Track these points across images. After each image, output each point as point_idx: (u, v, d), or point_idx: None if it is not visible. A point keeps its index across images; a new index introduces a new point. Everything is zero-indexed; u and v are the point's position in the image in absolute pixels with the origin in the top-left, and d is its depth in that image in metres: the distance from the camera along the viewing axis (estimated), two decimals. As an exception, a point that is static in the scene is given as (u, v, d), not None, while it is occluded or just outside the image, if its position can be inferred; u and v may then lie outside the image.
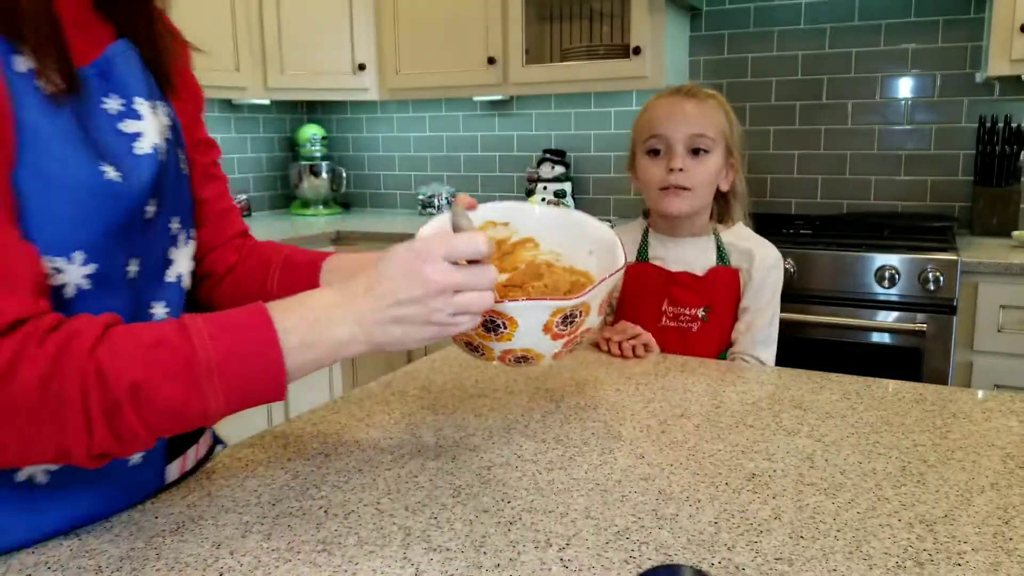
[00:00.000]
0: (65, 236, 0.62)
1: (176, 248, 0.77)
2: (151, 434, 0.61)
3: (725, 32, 2.86)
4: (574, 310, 0.75)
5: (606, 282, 0.77)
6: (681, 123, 1.29)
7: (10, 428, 0.57)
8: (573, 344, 0.80)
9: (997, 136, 2.45)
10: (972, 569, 0.60)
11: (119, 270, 0.68)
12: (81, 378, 0.57)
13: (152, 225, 0.71)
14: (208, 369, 0.61)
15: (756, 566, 0.61)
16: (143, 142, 0.70)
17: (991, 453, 0.82)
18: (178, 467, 0.78)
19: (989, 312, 2.06)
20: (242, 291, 0.90)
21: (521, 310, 0.74)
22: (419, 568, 0.62)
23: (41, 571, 0.62)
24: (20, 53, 0.61)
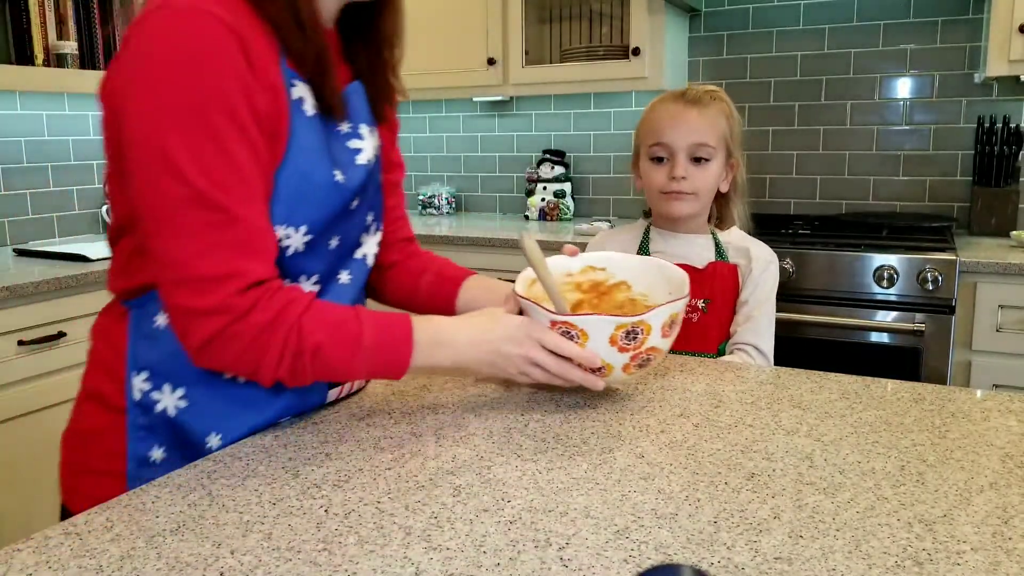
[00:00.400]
0: (300, 214, 0.86)
1: (367, 235, 1.00)
2: (312, 379, 0.86)
3: (724, 33, 2.86)
4: (635, 327, 0.89)
5: (665, 306, 0.91)
6: (684, 132, 1.33)
7: (233, 348, 0.81)
8: (640, 360, 0.93)
9: (996, 136, 2.45)
10: (971, 568, 0.61)
11: (325, 242, 0.91)
12: (287, 330, 0.82)
13: (353, 215, 0.94)
14: (364, 347, 0.85)
15: (755, 565, 0.61)
16: (361, 156, 0.93)
17: (990, 453, 0.82)
18: (336, 392, 1.00)
19: (988, 312, 2.06)
20: (397, 285, 1.14)
21: (589, 323, 0.90)
22: (419, 567, 0.62)
23: (41, 571, 0.62)
24: (296, 85, 0.85)
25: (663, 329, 0.92)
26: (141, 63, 0.77)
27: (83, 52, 2.34)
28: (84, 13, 2.34)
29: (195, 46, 0.76)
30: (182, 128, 0.76)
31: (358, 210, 0.95)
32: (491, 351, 0.91)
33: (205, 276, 0.78)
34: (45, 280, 1.92)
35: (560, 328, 0.91)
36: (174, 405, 0.89)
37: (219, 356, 0.82)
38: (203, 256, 0.78)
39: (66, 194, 2.65)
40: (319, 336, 0.83)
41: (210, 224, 0.78)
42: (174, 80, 0.76)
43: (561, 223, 3.00)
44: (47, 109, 2.57)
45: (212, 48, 0.76)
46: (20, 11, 2.19)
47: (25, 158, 2.52)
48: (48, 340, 1.94)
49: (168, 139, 0.76)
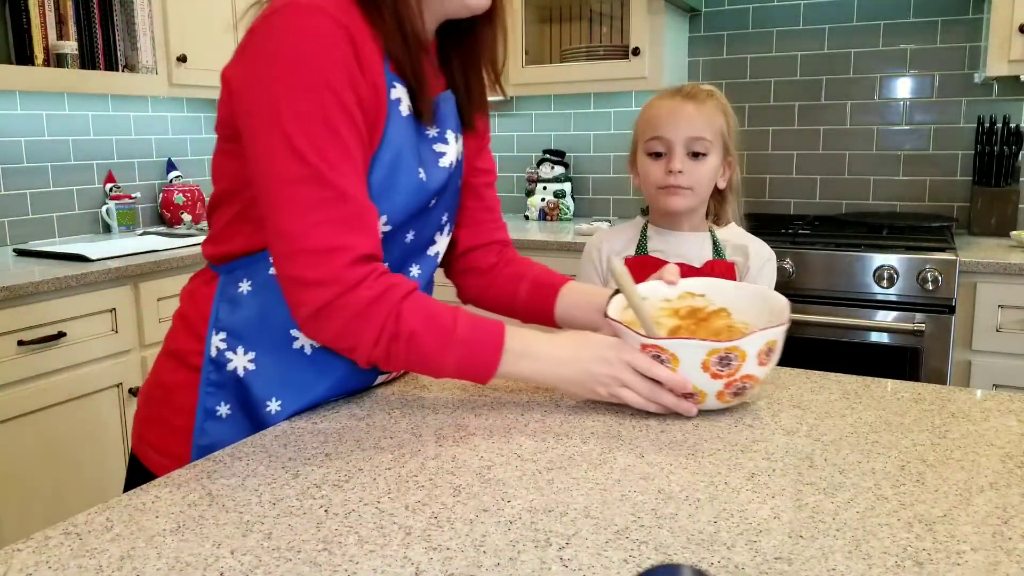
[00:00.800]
0: (383, 205, 0.91)
1: (440, 234, 1.05)
2: (404, 365, 0.91)
3: (724, 33, 2.86)
4: (728, 352, 0.88)
5: (761, 333, 0.89)
6: (681, 126, 1.33)
7: (338, 320, 0.86)
8: (736, 388, 0.91)
9: (996, 136, 2.45)
10: (971, 568, 0.61)
11: (402, 235, 0.98)
12: (388, 312, 0.86)
13: (430, 213, 1.00)
14: (455, 342, 0.89)
15: (755, 565, 0.61)
16: (444, 160, 0.99)
17: (990, 453, 0.82)
18: (385, 377, 1.06)
19: (988, 312, 2.06)
20: (497, 292, 1.16)
21: (680, 347, 0.89)
22: (419, 567, 0.62)
23: (41, 571, 0.62)
24: (395, 86, 0.91)
25: (759, 356, 0.89)
26: (264, 54, 0.85)
27: (83, 52, 2.34)
28: (84, 13, 2.34)
29: (312, 39, 0.83)
30: (298, 112, 0.83)
31: (435, 209, 1.01)
32: (580, 370, 0.92)
33: (317, 248, 0.84)
34: (45, 280, 1.92)
35: (651, 352, 0.90)
36: (243, 367, 0.96)
37: (325, 327, 0.87)
38: (316, 229, 0.84)
39: (66, 194, 2.65)
40: (415, 323, 0.87)
41: (323, 200, 0.84)
42: (292, 69, 0.83)
43: (561, 223, 3.00)
44: (47, 109, 2.57)
45: (326, 42, 0.84)
46: (20, 11, 2.19)
47: (25, 158, 2.52)
48: (48, 340, 1.94)
49: (287, 122, 0.83)
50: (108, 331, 2.10)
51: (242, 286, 0.96)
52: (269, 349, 0.96)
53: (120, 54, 2.44)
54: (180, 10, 2.54)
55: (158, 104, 2.92)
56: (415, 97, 0.94)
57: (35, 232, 2.56)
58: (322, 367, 0.97)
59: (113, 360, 2.11)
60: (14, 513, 1.91)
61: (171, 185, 2.92)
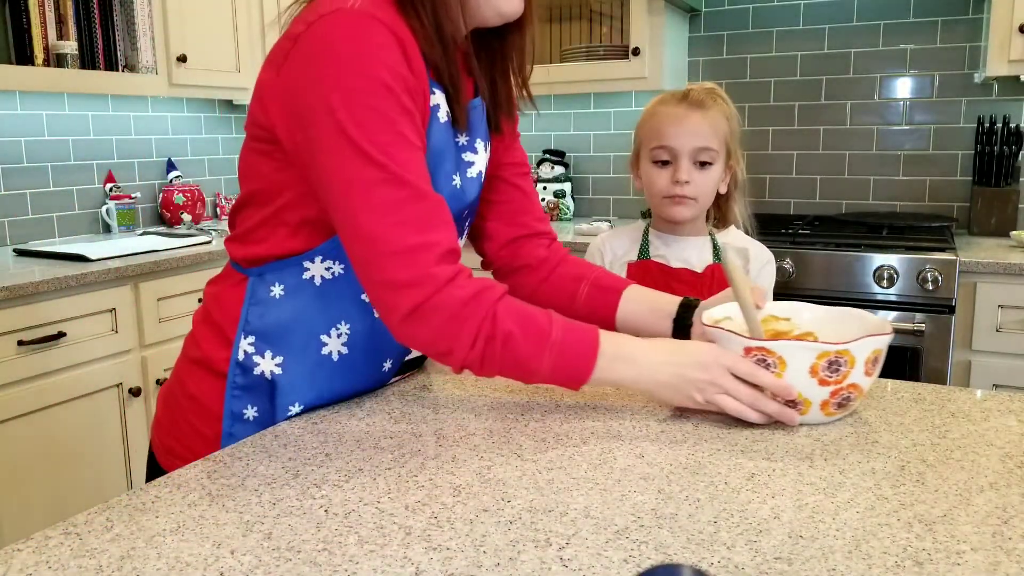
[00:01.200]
0: None
1: (461, 236, 1.04)
2: (499, 370, 0.88)
3: (724, 33, 2.86)
4: (839, 356, 0.85)
5: (870, 339, 0.86)
6: (688, 136, 1.32)
7: (434, 321, 0.84)
8: (840, 397, 0.88)
9: (996, 136, 2.45)
10: (971, 568, 0.61)
11: None
12: (484, 313, 0.85)
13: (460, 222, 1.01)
14: (551, 344, 0.87)
15: (755, 565, 0.61)
16: (473, 170, 1.01)
17: (990, 453, 0.82)
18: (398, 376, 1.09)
19: (987, 312, 2.06)
20: (551, 290, 1.14)
21: (790, 349, 0.86)
22: (419, 567, 0.62)
23: (41, 571, 0.62)
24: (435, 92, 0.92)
25: (867, 365, 0.87)
26: (318, 59, 0.84)
27: (83, 52, 2.34)
28: (84, 13, 2.34)
29: (367, 43, 0.84)
30: (361, 116, 0.83)
31: (460, 218, 1.01)
32: (675, 374, 0.89)
33: (403, 249, 0.84)
34: (45, 280, 1.92)
35: (755, 356, 0.87)
36: (270, 370, 0.96)
37: (421, 330, 0.86)
38: (398, 229, 0.83)
39: (66, 194, 2.65)
40: (511, 325, 0.86)
41: (400, 200, 0.84)
42: (350, 73, 0.83)
43: (561, 223, 3.00)
44: (47, 109, 2.57)
45: (380, 46, 0.84)
46: (20, 11, 2.19)
47: (25, 158, 2.52)
48: (48, 340, 1.94)
49: (351, 127, 0.82)
50: (108, 331, 2.10)
51: (274, 290, 0.95)
52: (297, 354, 0.96)
53: (120, 54, 2.44)
54: (180, 10, 2.54)
55: (158, 104, 2.92)
56: (452, 103, 0.94)
57: (35, 232, 2.56)
58: (347, 373, 0.98)
59: (113, 360, 2.11)
60: (14, 513, 1.91)
61: (171, 185, 2.92)
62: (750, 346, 0.88)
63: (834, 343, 0.85)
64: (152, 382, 2.21)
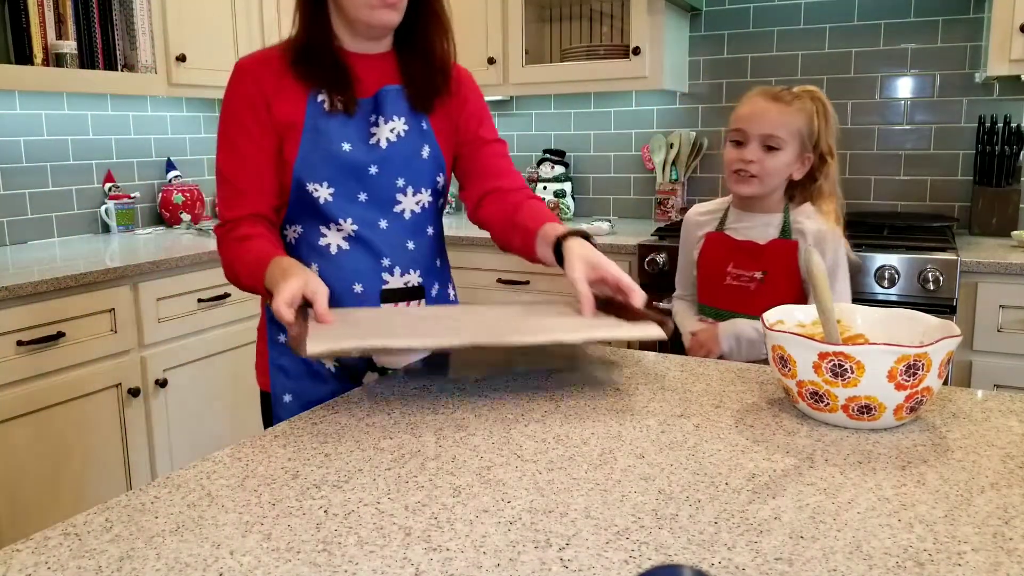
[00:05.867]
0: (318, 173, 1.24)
1: (403, 195, 1.29)
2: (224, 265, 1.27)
3: (724, 32, 2.86)
4: (918, 359, 0.84)
5: (945, 341, 0.85)
6: (759, 123, 1.52)
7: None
8: (914, 402, 0.87)
9: (996, 136, 2.45)
10: (972, 569, 0.60)
11: (352, 195, 1.26)
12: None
13: (376, 179, 1.27)
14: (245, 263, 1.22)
15: (756, 566, 0.61)
16: (373, 139, 1.26)
17: (991, 453, 0.82)
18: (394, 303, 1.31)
19: (988, 312, 2.06)
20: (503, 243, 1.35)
21: (869, 353, 0.84)
22: (419, 568, 0.62)
23: (41, 571, 0.62)
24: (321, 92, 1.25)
25: (940, 367, 0.86)
26: None
27: (83, 52, 2.34)
28: (83, 12, 2.34)
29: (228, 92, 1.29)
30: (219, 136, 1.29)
31: (381, 176, 1.26)
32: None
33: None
34: (45, 280, 1.92)
35: (831, 361, 0.85)
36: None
37: None
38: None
39: (65, 194, 2.64)
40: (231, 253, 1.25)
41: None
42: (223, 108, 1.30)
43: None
44: (47, 109, 2.57)
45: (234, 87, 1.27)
46: (19, 11, 2.19)
47: (24, 158, 2.52)
48: (48, 340, 1.94)
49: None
50: (108, 331, 2.09)
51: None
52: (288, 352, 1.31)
53: (119, 54, 2.44)
54: (179, 10, 2.54)
55: (157, 104, 2.92)
56: (330, 99, 1.24)
57: (34, 232, 2.56)
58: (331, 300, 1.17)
59: (113, 360, 2.11)
60: (14, 513, 1.91)
61: (170, 185, 2.92)
62: (827, 351, 0.86)
63: (912, 346, 0.84)
64: (152, 382, 2.20)
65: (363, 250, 1.27)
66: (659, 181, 2.97)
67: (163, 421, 2.25)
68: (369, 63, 1.28)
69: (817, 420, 0.91)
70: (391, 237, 1.29)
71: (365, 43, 1.28)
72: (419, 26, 1.29)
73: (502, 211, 1.34)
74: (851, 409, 0.87)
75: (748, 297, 1.54)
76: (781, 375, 0.93)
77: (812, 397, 0.89)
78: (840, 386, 0.86)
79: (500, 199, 1.36)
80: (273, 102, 1.24)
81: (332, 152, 1.24)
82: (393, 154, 1.27)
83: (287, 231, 1.30)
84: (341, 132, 1.25)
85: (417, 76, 1.29)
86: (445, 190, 1.38)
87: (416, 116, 1.30)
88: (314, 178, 1.24)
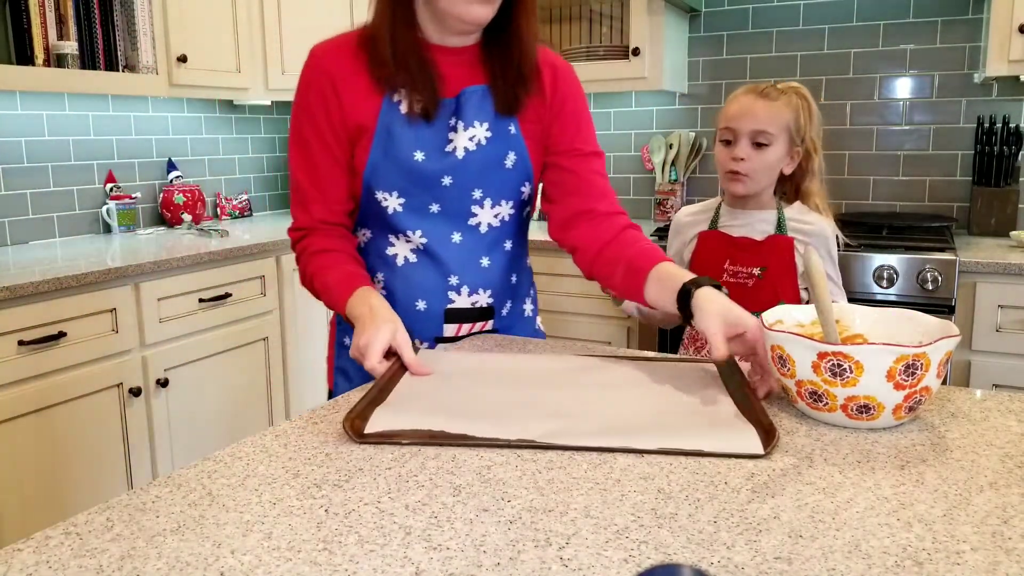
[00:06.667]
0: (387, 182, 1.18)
1: (479, 207, 1.22)
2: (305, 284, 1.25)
3: (724, 33, 2.86)
4: (917, 359, 0.84)
5: (944, 341, 0.85)
6: (747, 120, 1.54)
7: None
8: (912, 401, 0.87)
9: (995, 136, 2.45)
10: (971, 568, 0.61)
11: (423, 206, 1.20)
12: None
13: (449, 190, 1.19)
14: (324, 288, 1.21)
15: (755, 565, 0.61)
16: (451, 146, 1.18)
17: (989, 452, 0.82)
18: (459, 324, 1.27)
19: (987, 312, 2.06)
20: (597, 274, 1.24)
21: (867, 353, 0.84)
22: (419, 567, 0.62)
23: (41, 571, 0.62)
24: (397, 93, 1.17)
25: (939, 367, 0.86)
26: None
27: (83, 52, 2.34)
28: (84, 13, 2.34)
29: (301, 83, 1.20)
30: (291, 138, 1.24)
31: (456, 187, 1.19)
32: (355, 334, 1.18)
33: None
34: (45, 280, 1.92)
35: (830, 361, 0.85)
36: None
37: None
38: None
39: (66, 194, 2.65)
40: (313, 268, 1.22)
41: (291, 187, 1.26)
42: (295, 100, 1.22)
43: (561, 223, 3.00)
44: (47, 109, 2.57)
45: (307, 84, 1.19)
46: (20, 11, 2.19)
47: (25, 158, 2.52)
48: (48, 340, 1.94)
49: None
50: (108, 331, 2.10)
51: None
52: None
53: (120, 54, 2.44)
54: (180, 10, 2.54)
55: (158, 104, 2.92)
56: (411, 100, 1.15)
57: (35, 232, 2.56)
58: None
59: (113, 360, 2.11)
60: (14, 513, 1.91)
61: (171, 185, 2.92)
62: (825, 351, 0.86)
63: (911, 346, 0.84)
64: (153, 382, 2.21)
65: (431, 265, 1.22)
66: (658, 182, 2.97)
67: (164, 421, 2.26)
68: (454, 58, 1.18)
69: (816, 419, 0.91)
70: (463, 253, 1.22)
71: (452, 37, 1.17)
72: (510, 18, 1.17)
73: (596, 237, 1.22)
74: (850, 409, 0.87)
75: (746, 293, 1.55)
76: (780, 374, 0.93)
77: (811, 397, 0.89)
78: (839, 386, 0.86)
79: (595, 223, 1.23)
80: (346, 100, 1.16)
81: (403, 161, 1.16)
82: (470, 164, 1.18)
83: (358, 233, 1.25)
84: (415, 139, 1.16)
85: (507, 75, 1.19)
86: (532, 200, 1.29)
87: (503, 120, 1.20)
88: (383, 187, 1.17)
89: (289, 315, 2.67)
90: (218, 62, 2.67)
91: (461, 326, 1.25)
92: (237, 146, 3.27)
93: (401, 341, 1.06)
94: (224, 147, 3.21)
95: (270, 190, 3.45)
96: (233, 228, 2.89)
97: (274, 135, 3.44)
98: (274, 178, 3.46)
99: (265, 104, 3.33)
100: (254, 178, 3.36)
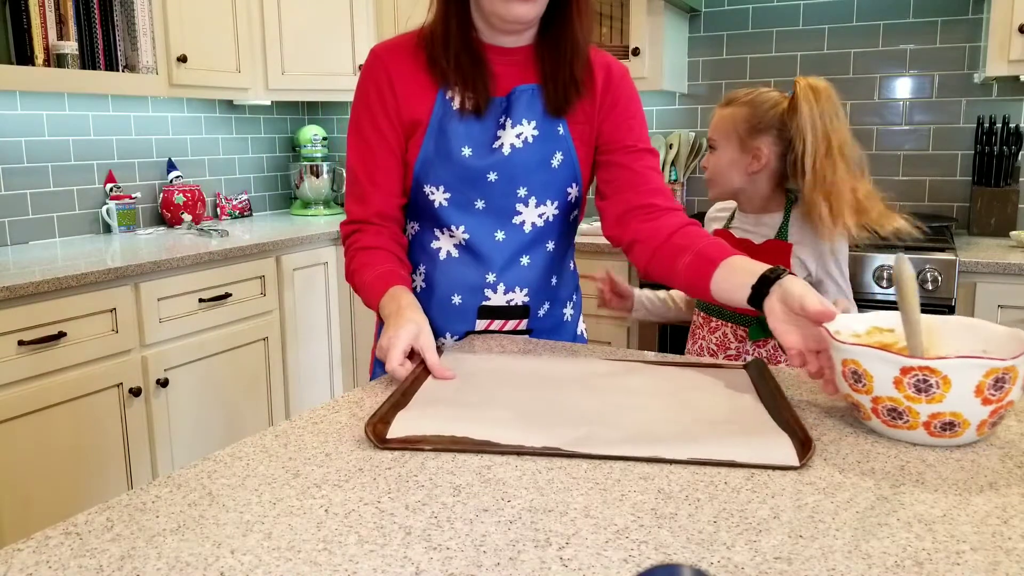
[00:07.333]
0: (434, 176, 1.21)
1: (524, 206, 1.24)
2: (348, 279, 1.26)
3: (724, 33, 2.87)
4: (1006, 373, 0.79)
5: None
6: (711, 128, 1.61)
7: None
8: (997, 417, 0.82)
9: (995, 136, 2.45)
10: (971, 568, 0.61)
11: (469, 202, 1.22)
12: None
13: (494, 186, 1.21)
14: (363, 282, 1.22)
15: (755, 565, 0.61)
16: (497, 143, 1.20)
17: (989, 452, 0.82)
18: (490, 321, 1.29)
19: (987, 312, 2.06)
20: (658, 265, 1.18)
21: (956, 368, 0.78)
22: (419, 567, 0.62)
23: (41, 571, 0.62)
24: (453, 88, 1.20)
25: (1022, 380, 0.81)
26: None
27: (83, 52, 2.34)
28: (84, 13, 2.34)
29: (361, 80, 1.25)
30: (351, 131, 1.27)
31: (501, 183, 1.21)
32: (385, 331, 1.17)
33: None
34: (45, 280, 1.92)
35: (915, 376, 0.80)
36: None
37: None
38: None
39: (66, 194, 2.65)
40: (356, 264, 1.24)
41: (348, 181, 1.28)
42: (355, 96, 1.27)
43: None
44: (47, 109, 2.57)
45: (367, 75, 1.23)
46: (20, 11, 2.19)
47: (25, 158, 2.52)
48: (48, 340, 1.94)
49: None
50: (108, 331, 2.10)
51: None
52: None
53: (120, 54, 2.44)
54: (180, 10, 2.54)
55: (158, 104, 2.92)
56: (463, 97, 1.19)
57: (35, 232, 2.56)
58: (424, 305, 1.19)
59: (113, 360, 2.11)
60: (14, 513, 1.91)
61: (171, 185, 2.92)
62: (910, 365, 0.80)
63: (1000, 359, 0.79)
64: (153, 382, 2.21)
65: (471, 260, 1.24)
66: (659, 181, 2.97)
67: (164, 421, 2.26)
68: (507, 58, 1.21)
69: (892, 438, 0.86)
70: (505, 250, 1.23)
71: (503, 36, 1.20)
72: (563, 19, 1.18)
73: (657, 231, 1.18)
74: (933, 426, 0.81)
75: None
76: (853, 391, 0.86)
77: (889, 414, 0.84)
78: (923, 402, 0.80)
79: (654, 218, 1.20)
80: (401, 95, 1.20)
81: (452, 155, 1.19)
82: (516, 161, 1.20)
83: (407, 227, 1.28)
84: (465, 135, 1.19)
85: (557, 76, 1.20)
86: (580, 203, 1.28)
87: (552, 120, 1.22)
88: (432, 180, 1.21)
89: (289, 315, 2.67)
90: (218, 62, 2.67)
91: (493, 321, 1.27)
92: (237, 146, 3.27)
93: (424, 343, 1.05)
94: (224, 147, 3.21)
95: (270, 190, 3.45)
96: (233, 228, 2.89)
97: (274, 135, 3.44)
98: (274, 178, 3.46)
99: (265, 104, 3.33)
100: (254, 178, 3.36)
